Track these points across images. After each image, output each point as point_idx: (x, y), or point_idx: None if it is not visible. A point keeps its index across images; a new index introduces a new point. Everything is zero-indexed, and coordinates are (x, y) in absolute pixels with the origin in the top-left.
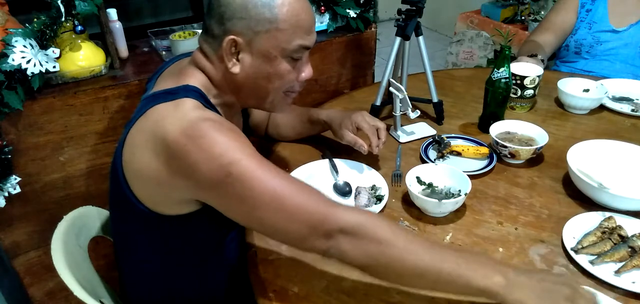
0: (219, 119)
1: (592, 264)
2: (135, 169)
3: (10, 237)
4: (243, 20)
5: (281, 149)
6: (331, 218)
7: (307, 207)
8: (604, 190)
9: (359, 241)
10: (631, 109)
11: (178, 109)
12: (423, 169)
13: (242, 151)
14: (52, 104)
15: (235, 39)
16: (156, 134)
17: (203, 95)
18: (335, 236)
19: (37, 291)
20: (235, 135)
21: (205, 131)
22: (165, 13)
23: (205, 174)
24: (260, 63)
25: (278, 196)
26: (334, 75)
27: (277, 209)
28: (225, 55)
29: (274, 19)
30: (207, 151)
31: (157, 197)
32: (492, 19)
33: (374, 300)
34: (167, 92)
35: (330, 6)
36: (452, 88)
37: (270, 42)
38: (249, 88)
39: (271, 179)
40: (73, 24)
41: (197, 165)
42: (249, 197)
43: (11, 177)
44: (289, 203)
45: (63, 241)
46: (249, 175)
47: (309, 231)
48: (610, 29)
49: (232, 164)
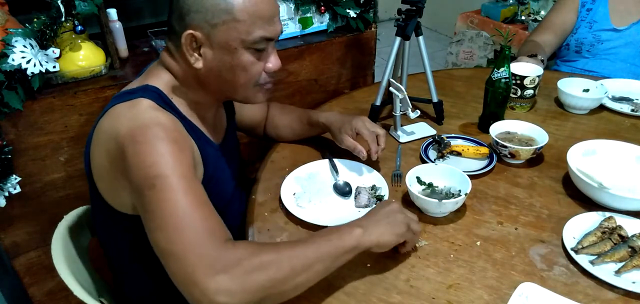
0: (169, 126)
1: (593, 264)
2: (96, 166)
3: (10, 237)
4: (199, 13)
5: (281, 149)
6: (219, 264)
7: (201, 249)
8: (604, 190)
9: (249, 278)
10: (631, 109)
11: (132, 109)
12: (423, 169)
13: (175, 169)
14: (52, 104)
15: (193, 34)
16: (109, 132)
17: (162, 95)
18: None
19: (37, 291)
20: (175, 149)
21: (148, 137)
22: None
23: (134, 178)
24: (221, 56)
25: (181, 226)
26: (334, 75)
27: (175, 240)
28: (186, 51)
29: (230, 9)
30: (142, 157)
31: (111, 196)
32: (492, 19)
33: (374, 300)
34: (128, 92)
35: (330, 6)
36: (452, 88)
37: (229, 34)
38: (214, 82)
39: (185, 207)
40: (73, 24)
41: (131, 167)
42: (158, 216)
43: (11, 177)
44: (186, 238)
45: (63, 241)
46: (166, 194)
47: (199, 277)
48: (611, 28)
49: (158, 177)
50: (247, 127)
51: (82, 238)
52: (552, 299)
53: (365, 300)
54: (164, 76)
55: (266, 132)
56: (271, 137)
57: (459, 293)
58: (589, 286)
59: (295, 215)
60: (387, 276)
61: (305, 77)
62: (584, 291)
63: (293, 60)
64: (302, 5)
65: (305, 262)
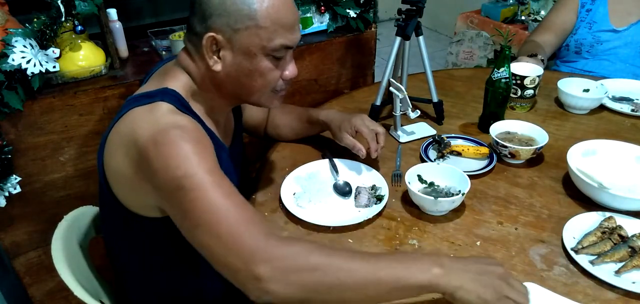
0: (189, 128)
1: (592, 265)
2: (113, 170)
3: (10, 237)
4: (222, 17)
5: (281, 149)
6: (262, 253)
7: (242, 238)
8: (604, 190)
9: (292, 275)
10: (631, 109)
11: (152, 113)
12: (423, 168)
13: (200, 166)
14: (52, 104)
15: (215, 37)
16: (129, 136)
17: (180, 99)
18: (264, 279)
19: (37, 291)
20: (199, 148)
21: (170, 139)
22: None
23: (161, 181)
24: (241, 60)
25: (216, 219)
26: (334, 75)
27: (213, 234)
28: (206, 53)
29: (253, 15)
30: (167, 159)
31: (132, 200)
32: (492, 19)
33: None
34: (146, 95)
35: (330, 6)
36: (452, 88)
37: (250, 40)
38: (231, 86)
39: (217, 200)
40: (73, 24)
41: (156, 172)
42: (192, 214)
43: (11, 177)
44: (225, 230)
45: (63, 241)
46: (196, 192)
47: (242, 266)
48: (610, 29)
49: (186, 177)
50: (249, 128)
51: (82, 238)
52: (552, 298)
53: None
54: (182, 77)
55: (267, 132)
56: (272, 136)
57: None
58: (589, 286)
59: (295, 215)
60: None
61: (305, 77)
62: (584, 291)
63: None
64: (302, 5)
65: (357, 280)
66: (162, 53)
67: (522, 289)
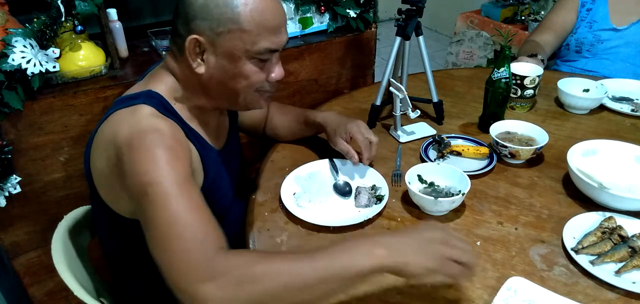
0: (167, 133)
1: (593, 265)
2: (96, 171)
3: (10, 237)
4: (205, 20)
5: (281, 149)
6: (208, 273)
7: (191, 257)
8: (604, 190)
9: (237, 290)
10: (631, 109)
11: (133, 115)
12: (423, 168)
13: (169, 175)
14: (52, 104)
15: (198, 39)
16: (110, 137)
17: (163, 101)
18: (210, 299)
19: (37, 291)
20: (171, 156)
21: (145, 144)
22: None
23: (130, 184)
24: (224, 63)
25: (170, 234)
26: (334, 75)
27: (166, 248)
28: (189, 56)
29: (236, 19)
30: (137, 164)
31: (111, 200)
32: (492, 19)
33: (374, 300)
34: (131, 97)
35: (330, 6)
36: (452, 88)
37: (234, 43)
38: (216, 88)
39: (176, 214)
40: (73, 24)
41: (126, 174)
42: (151, 224)
43: (11, 177)
44: (176, 246)
45: (63, 241)
46: (159, 202)
47: (186, 286)
48: (611, 28)
49: (151, 185)
50: (247, 128)
51: (82, 238)
52: (541, 294)
53: (365, 300)
54: (167, 79)
55: (265, 133)
56: (270, 137)
57: (459, 293)
58: (589, 286)
59: (295, 215)
60: (387, 276)
61: (305, 77)
62: (584, 291)
63: (293, 60)
64: (302, 5)
65: (304, 281)
66: (162, 53)
67: (463, 245)
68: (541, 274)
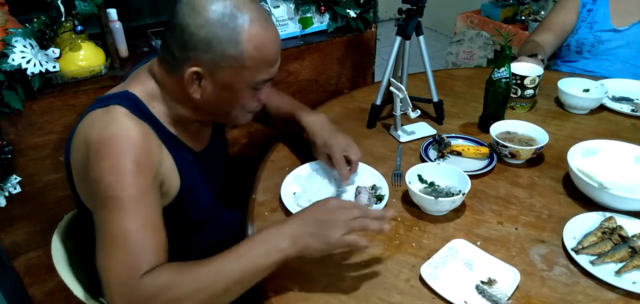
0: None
1: (593, 265)
2: (73, 168)
3: (10, 237)
4: (207, 53)
5: (281, 148)
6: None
7: (117, 278)
8: (604, 190)
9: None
10: (631, 109)
11: (106, 116)
12: (423, 168)
13: (129, 188)
14: (52, 104)
15: (197, 70)
16: (83, 137)
17: (139, 103)
18: None
19: (37, 291)
20: (135, 169)
21: (112, 151)
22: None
23: (93, 192)
24: (221, 92)
25: (112, 250)
26: (334, 75)
27: (104, 264)
28: (187, 84)
29: (239, 56)
30: (103, 175)
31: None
32: (492, 19)
33: (374, 300)
34: (108, 97)
35: (330, 6)
36: (452, 88)
37: (234, 77)
38: (207, 109)
39: (123, 231)
40: (73, 24)
41: (92, 182)
42: (99, 232)
43: (11, 177)
44: (113, 263)
45: (63, 241)
46: (114, 216)
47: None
48: (611, 29)
49: (112, 199)
50: None
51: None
52: (479, 255)
53: (365, 300)
54: (147, 82)
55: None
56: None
57: None
58: (589, 286)
59: None
60: (387, 276)
61: (305, 77)
62: (584, 291)
63: (293, 60)
64: (302, 5)
65: (226, 287)
66: None
67: (354, 213)
68: (541, 274)
